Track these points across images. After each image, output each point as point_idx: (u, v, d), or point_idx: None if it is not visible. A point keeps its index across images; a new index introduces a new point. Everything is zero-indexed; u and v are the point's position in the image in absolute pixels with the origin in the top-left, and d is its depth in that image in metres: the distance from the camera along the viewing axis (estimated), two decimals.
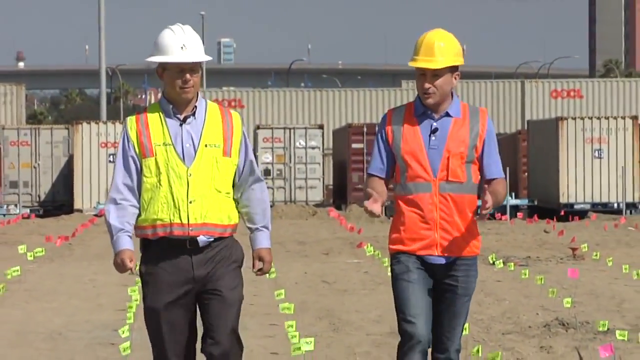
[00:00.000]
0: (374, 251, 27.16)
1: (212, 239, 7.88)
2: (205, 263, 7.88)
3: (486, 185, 8.06)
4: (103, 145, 50.17)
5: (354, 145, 51.41)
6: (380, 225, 40.76)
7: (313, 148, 51.61)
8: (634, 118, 51.88)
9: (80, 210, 48.70)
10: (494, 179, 8.04)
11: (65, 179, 51.44)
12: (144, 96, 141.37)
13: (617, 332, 13.58)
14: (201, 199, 7.82)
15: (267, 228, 8.12)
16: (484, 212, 7.82)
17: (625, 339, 13.41)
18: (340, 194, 52.40)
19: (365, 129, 51.86)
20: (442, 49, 7.91)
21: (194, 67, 7.83)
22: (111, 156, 48.46)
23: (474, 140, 7.99)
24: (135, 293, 15.47)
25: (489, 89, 70.47)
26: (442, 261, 8.02)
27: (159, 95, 8.14)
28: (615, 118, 52.08)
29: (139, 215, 7.89)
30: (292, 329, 13.43)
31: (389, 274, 8.18)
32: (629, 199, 49.31)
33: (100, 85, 79.36)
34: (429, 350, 8.08)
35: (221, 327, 7.84)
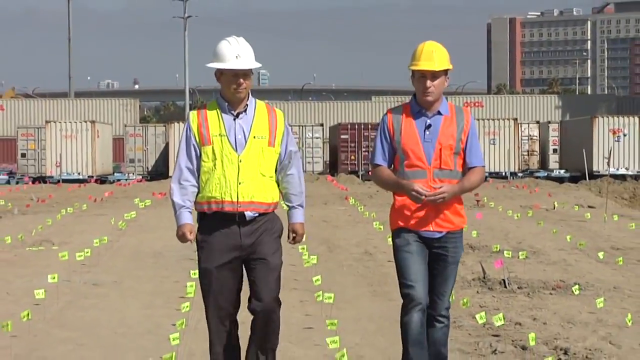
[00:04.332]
0: (355, 202, 27.24)
1: (257, 214, 6.39)
2: (251, 234, 6.39)
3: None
4: None
5: (342, 136, 51.56)
6: (358, 186, 40.70)
7: (317, 138, 51.85)
8: (515, 119, 52.10)
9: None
10: (474, 167, 6.52)
11: (164, 157, 51.45)
12: None
13: (505, 251, 13.60)
14: (249, 181, 6.35)
15: (301, 206, 6.62)
16: (429, 195, 6.33)
17: (510, 256, 13.43)
18: (333, 166, 52.43)
19: (349, 126, 52.24)
20: (438, 54, 6.46)
21: (246, 73, 6.37)
22: None
23: (460, 134, 6.48)
24: None
25: None
26: (436, 235, 6.48)
27: None
28: (503, 119, 52.10)
29: (198, 193, 6.46)
30: (304, 250, 13.45)
31: (390, 244, 6.57)
32: (512, 170, 49.44)
33: (185, 99, 79.47)
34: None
35: (265, 288, 6.38)
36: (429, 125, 6.46)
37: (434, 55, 6.43)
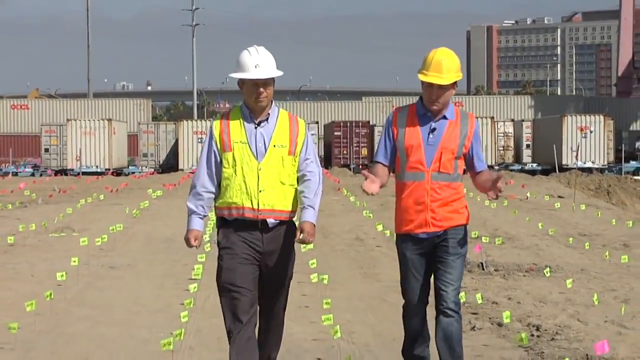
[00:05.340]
0: (347, 192, 27.18)
1: (278, 222, 5.85)
2: (273, 240, 5.85)
3: (482, 173, 6.09)
4: (195, 133, 50.30)
5: (335, 133, 51.63)
6: (349, 178, 40.63)
7: (312, 135, 51.70)
8: (491, 118, 52.16)
9: (182, 170, 48.70)
10: (482, 171, 6.05)
11: (174, 152, 51.44)
12: (217, 105, 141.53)
13: (483, 237, 13.58)
14: (269, 189, 5.81)
15: (312, 207, 5.87)
16: (498, 188, 5.93)
17: (487, 241, 13.42)
18: (327, 160, 52.47)
19: (341, 124, 52.36)
20: (448, 66, 5.85)
21: (267, 82, 5.82)
22: (200, 139, 49.05)
23: (463, 139, 5.92)
24: (212, 213, 15.45)
25: (413, 101, 70.33)
26: (435, 234, 5.92)
27: (227, 105, 6.16)
28: (481, 118, 52.11)
29: (218, 198, 5.92)
30: None
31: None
32: (489, 163, 49.42)
33: (193, 99, 79.43)
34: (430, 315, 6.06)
35: (273, 303, 6.00)
36: (434, 129, 5.91)
37: (442, 67, 5.85)
